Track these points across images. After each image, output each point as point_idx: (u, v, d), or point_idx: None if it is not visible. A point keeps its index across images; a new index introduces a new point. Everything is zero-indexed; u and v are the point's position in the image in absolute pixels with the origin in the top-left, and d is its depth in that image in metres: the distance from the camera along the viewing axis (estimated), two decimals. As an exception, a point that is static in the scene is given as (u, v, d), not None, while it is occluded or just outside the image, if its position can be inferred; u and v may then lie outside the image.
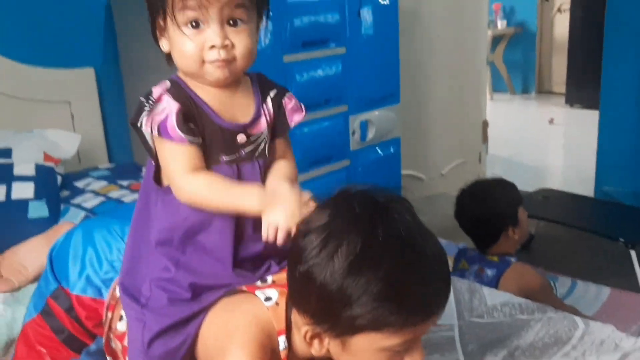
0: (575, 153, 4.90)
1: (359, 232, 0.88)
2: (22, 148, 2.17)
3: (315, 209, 0.94)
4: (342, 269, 0.86)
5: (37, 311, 1.33)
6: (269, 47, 2.58)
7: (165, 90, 0.97)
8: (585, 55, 5.92)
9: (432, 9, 3.70)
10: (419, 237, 0.91)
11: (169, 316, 1.01)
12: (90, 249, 1.32)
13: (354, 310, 0.86)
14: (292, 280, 0.94)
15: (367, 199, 0.93)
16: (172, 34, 0.97)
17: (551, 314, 1.46)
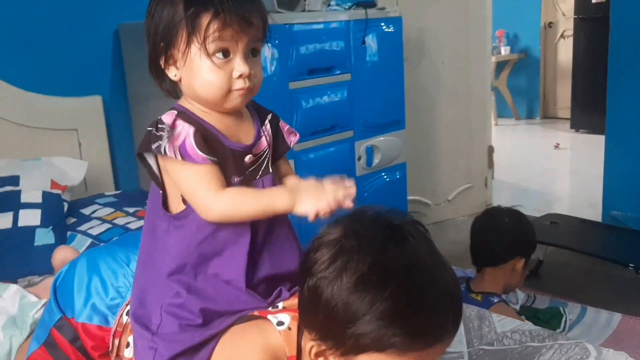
0: (581, 178, 4.88)
1: (369, 250, 0.87)
2: (29, 175, 2.18)
3: (328, 225, 0.94)
4: (349, 285, 0.85)
5: (40, 343, 1.32)
6: (275, 74, 2.60)
7: (176, 117, 0.98)
8: (589, 81, 5.93)
9: (436, 36, 3.73)
10: (431, 262, 0.90)
11: (180, 342, 1.00)
12: (96, 277, 1.32)
13: (358, 327, 0.85)
14: (301, 294, 0.93)
15: (382, 219, 0.92)
16: (196, 63, 0.99)
17: (562, 341, 1.43)
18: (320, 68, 2.78)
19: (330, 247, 0.89)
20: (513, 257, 2.25)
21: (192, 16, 0.96)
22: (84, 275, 1.32)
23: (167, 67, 1.02)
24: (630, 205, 3.41)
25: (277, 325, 0.98)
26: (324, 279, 0.87)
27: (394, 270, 0.86)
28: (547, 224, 3.09)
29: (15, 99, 2.43)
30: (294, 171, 2.41)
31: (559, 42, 6.98)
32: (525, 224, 2.32)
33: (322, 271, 0.88)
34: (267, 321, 0.99)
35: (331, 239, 0.90)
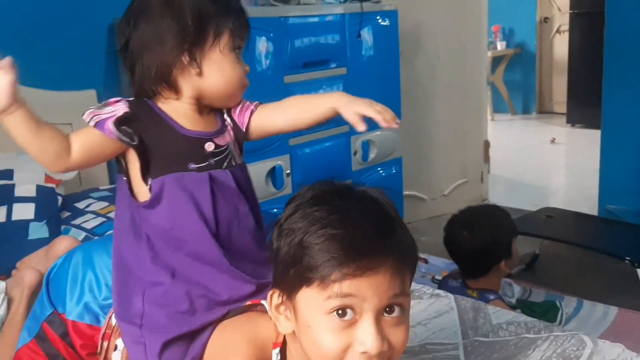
0: (577, 172, 4.88)
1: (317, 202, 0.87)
2: (23, 169, 2.17)
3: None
4: (287, 229, 0.86)
5: (32, 336, 1.31)
6: (270, 67, 2.60)
7: (123, 100, 1.03)
8: (585, 75, 5.93)
9: (432, 30, 3.72)
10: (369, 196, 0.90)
11: (168, 332, 1.00)
12: (90, 272, 1.31)
13: (290, 264, 0.83)
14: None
15: (339, 185, 0.94)
16: (221, 58, 1.06)
17: (558, 332, 1.43)
18: (315, 61, 2.77)
19: (289, 207, 0.90)
20: (492, 265, 2.20)
21: (225, 16, 1.04)
22: (78, 270, 1.31)
23: (188, 64, 1.04)
24: (626, 199, 3.41)
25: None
26: (281, 232, 0.87)
27: (321, 202, 0.87)
28: (542, 218, 3.09)
29: (9, 93, 2.41)
30: (289, 163, 2.39)
31: (554, 37, 6.99)
32: (486, 229, 2.19)
33: (280, 226, 0.88)
34: (259, 312, 0.99)
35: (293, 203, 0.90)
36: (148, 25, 1.03)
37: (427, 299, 1.65)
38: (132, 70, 1.06)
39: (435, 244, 3.46)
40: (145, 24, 1.03)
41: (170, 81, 1.04)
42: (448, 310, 1.59)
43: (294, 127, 1.15)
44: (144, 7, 1.04)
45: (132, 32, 1.04)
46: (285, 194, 2.72)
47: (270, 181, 2.66)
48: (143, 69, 1.04)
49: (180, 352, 1.00)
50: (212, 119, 1.09)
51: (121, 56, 1.08)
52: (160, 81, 1.04)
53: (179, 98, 1.05)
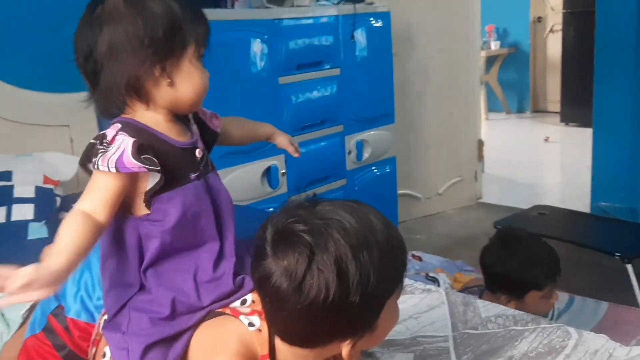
0: (571, 171, 4.93)
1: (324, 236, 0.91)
2: (22, 171, 2.20)
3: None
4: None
5: (41, 328, 1.35)
6: (265, 69, 2.63)
7: (117, 131, 0.98)
8: (578, 74, 5.98)
9: (425, 31, 3.76)
10: (350, 204, 0.97)
11: (150, 335, 1.01)
12: (87, 272, 1.34)
13: (377, 297, 0.94)
14: (303, 325, 0.93)
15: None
16: (190, 67, 1.03)
17: (545, 324, 1.47)
18: (309, 63, 2.81)
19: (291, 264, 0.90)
20: (524, 292, 2.01)
21: (193, 24, 1.02)
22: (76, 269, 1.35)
23: (160, 75, 1.00)
24: (618, 196, 3.46)
25: (249, 326, 1.00)
26: (315, 291, 0.89)
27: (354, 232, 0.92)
28: (535, 215, 3.13)
29: (6, 95, 2.44)
30: (284, 163, 2.42)
31: (548, 36, 7.04)
32: (526, 258, 2.03)
33: (318, 295, 0.89)
34: (239, 320, 1.02)
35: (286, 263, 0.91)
36: (116, 32, 0.97)
37: (419, 293, 1.69)
38: (94, 80, 1.00)
39: (430, 243, 3.51)
40: (113, 31, 0.97)
41: (141, 92, 1.00)
42: (439, 304, 1.62)
43: (239, 144, 1.36)
44: (111, 12, 0.97)
45: (97, 37, 0.98)
46: (280, 194, 2.76)
47: (265, 181, 2.70)
48: (111, 79, 0.98)
49: (162, 354, 1.02)
50: (182, 127, 1.08)
51: (79, 65, 1.03)
52: (131, 92, 0.99)
53: (149, 108, 1.02)
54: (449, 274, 2.61)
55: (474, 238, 3.53)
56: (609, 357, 1.32)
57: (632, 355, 1.31)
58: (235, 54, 2.52)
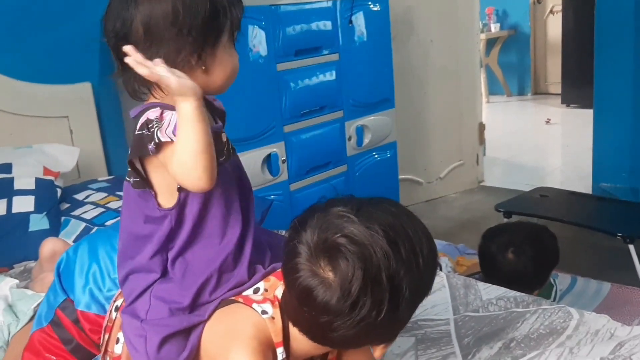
0: (572, 152, 4.92)
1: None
2: (22, 163, 2.20)
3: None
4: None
5: (48, 322, 1.34)
6: (263, 56, 2.62)
7: (162, 109, 0.95)
8: (579, 56, 5.94)
9: (423, 14, 3.74)
10: (394, 212, 0.96)
11: (168, 326, 1.02)
12: (95, 264, 1.34)
13: (420, 301, 0.97)
14: (350, 340, 0.94)
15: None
16: (224, 52, 1.01)
17: (546, 306, 1.47)
18: (307, 49, 2.79)
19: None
20: (523, 291, 1.90)
21: (231, 8, 0.99)
22: (85, 260, 1.35)
23: (196, 63, 0.97)
24: (619, 176, 3.45)
25: (262, 314, 1.00)
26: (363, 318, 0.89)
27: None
28: (536, 197, 3.12)
29: (5, 87, 2.44)
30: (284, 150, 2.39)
31: (548, 18, 6.98)
32: (532, 254, 2.02)
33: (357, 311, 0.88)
34: (252, 309, 1.01)
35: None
36: (154, 15, 0.93)
37: (420, 277, 1.69)
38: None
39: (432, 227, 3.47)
40: (150, 12, 0.93)
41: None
42: (440, 287, 1.63)
43: None
44: None
45: (133, 18, 0.94)
46: (281, 181, 2.76)
47: (266, 168, 2.70)
48: None
49: (179, 345, 1.02)
50: (206, 111, 1.06)
51: (109, 43, 0.99)
52: None
53: None
54: (451, 257, 2.62)
55: (476, 221, 3.53)
56: (611, 337, 1.32)
57: (633, 335, 1.31)
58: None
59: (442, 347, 1.36)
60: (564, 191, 3.34)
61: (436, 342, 1.38)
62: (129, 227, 1.08)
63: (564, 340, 1.32)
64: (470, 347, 1.34)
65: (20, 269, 1.93)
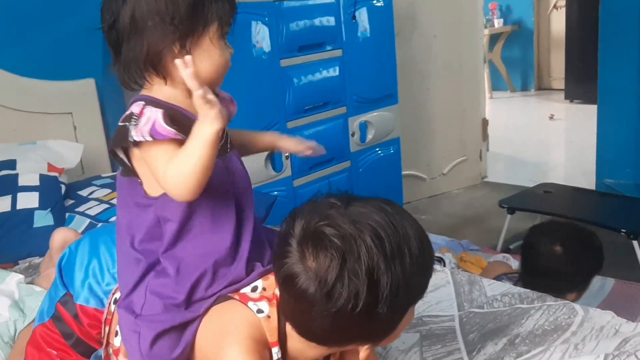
0: (576, 148, 4.91)
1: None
2: (26, 159, 2.20)
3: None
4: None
5: (49, 316, 1.35)
6: (266, 52, 2.61)
7: (144, 105, 0.98)
8: (583, 51, 5.93)
9: (427, 10, 3.73)
10: (386, 209, 0.94)
11: (162, 322, 1.02)
12: (95, 259, 1.34)
13: (407, 300, 0.94)
14: (328, 329, 0.93)
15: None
16: (211, 45, 1.01)
17: (550, 302, 1.47)
18: (311, 44, 2.79)
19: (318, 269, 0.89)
20: (561, 290, 1.87)
21: (217, 3, 1.00)
22: (85, 255, 1.35)
23: (179, 52, 0.99)
24: (623, 172, 3.44)
25: (257, 312, 1.00)
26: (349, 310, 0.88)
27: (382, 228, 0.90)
28: (540, 193, 3.12)
29: (9, 84, 2.44)
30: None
31: (551, 13, 6.97)
32: (582, 256, 1.97)
33: (336, 299, 0.88)
34: (247, 307, 1.01)
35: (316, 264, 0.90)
36: (139, 5, 0.97)
37: (424, 274, 1.69)
38: (117, 50, 1.00)
39: (436, 222, 3.51)
40: (136, 3, 0.97)
41: (160, 68, 1.00)
42: (444, 284, 1.63)
43: (247, 154, 1.26)
44: None
45: (120, 9, 0.98)
46: (284, 177, 2.76)
47: (269, 164, 2.70)
48: (132, 52, 0.98)
49: (172, 342, 1.02)
50: None
51: (105, 34, 1.02)
52: (149, 67, 1.00)
53: (167, 84, 1.02)
54: (454, 253, 2.61)
55: (479, 217, 3.53)
56: (615, 333, 1.32)
57: (638, 331, 1.31)
58: (236, 37, 2.48)
59: (447, 343, 1.36)
60: (567, 187, 3.33)
61: (441, 338, 1.38)
62: (122, 216, 1.08)
63: (569, 336, 1.32)
64: (475, 343, 1.34)
65: (25, 265, 1.93)
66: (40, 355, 1.34)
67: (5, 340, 1.52)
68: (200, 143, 0.92)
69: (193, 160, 0.92)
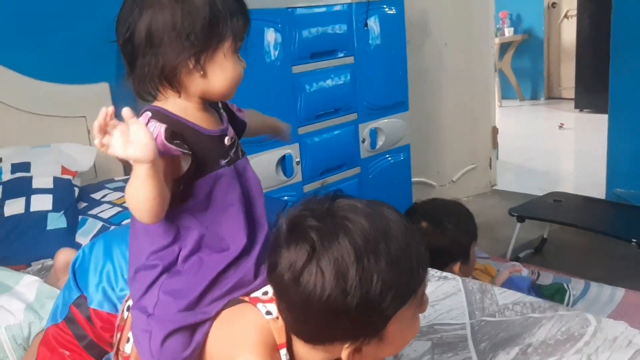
0: (586, 157, 4.90)
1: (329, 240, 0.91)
2: (40, 162, 2.22)
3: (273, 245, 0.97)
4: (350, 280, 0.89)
5: (62, 318, 1.36)
6: (278, 58, 2.63)
7: (149, 119, 0.99)
8: (593, 60, 5.92)
9: (438, 18, 3.74)
10: (373, 207, 0.96)
11: (173, 322, 1.03)
12: (109, 263, 1.35)
13: (381, 305, 0.91)
14: (304, 319, 0.95)
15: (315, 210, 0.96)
16: (225, 59, 1.03)
17: (563, 311, 1.47)
18: (323, 51, 2.80)
19: (301, 266, 0.91)
20: (446, 264, 2.06)
21: (232, 19, 1.01)
22: (99, 258, 1.36)
23: (194, 67, 1.00)
24: (634, 182, 3.43)
25: (266, 314, 1.01)
26: (322, 294, 0.89)
27: (362, 240, 0.91)
28: (550, 202, 3.12)
29: (24, 87, 2.47)
30: (298, 152, 2.44)
31: (562, 22, 6.96)
32: (450, 225, 2.10)
33: (319, 293, 0.89)
34: (256, 309, 1.02)
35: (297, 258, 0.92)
36: (155, 20, 0.98)
37: (435, 281, 1.69)
38: (132, 63, 1.02)
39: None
40: (152, 18, 0.98)
41: (174, 82, 1.01)
42: (456, 292, 1.63)
43: (253, 135, 1.34)
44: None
45: (136, 23, 0.99)
46: (295, 182, 2.77)
47: (280, 170, 2.71)
48: (147, 66, 1.00)
49: (183, 342, 1.03)
50: (213, 114, 1.10)
51: (120, 47, 1.04)
52: (164, 81, 1.01)
53: (181, 97, 1.03)
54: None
55: (489, 225, 3.52)
56: (629, 344, 1.32)
57: (651, 342, 1.31)
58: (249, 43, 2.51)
59: (459, 352, 1.36)
60: (578, 196, 3.33)
61: (452, 347, 1.38)
62: (137, 222, 1.08)
63: (582, 346, 1.32)
64: (487, 352, 1.34)
65: (38, 267, 1.95)
66: (53, 355, 1.35)
67: (18, 342, 1.53)
68: (138, 180, 0.92)
69: (138, 193, 0.93)
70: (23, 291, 1.62)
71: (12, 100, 2.43)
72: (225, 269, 1.05)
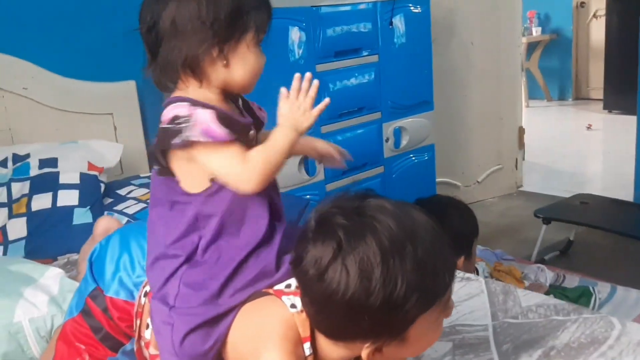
0: (614, 159, 4.81)
1: (358, 238, 0.91)
2: (67, 158, 2.26)
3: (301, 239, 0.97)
4: (375, 280, 0.89)
5: (78, 311, 1.37)
6: (303, 56, 2.63)
7: (190, 106, 1.00)
8: (622, 61, 5.81)
9: (465, 17, 3.71)
10: (401, 209, 0.96)
11: (196, 315, 1.03)
12: (126, 254, 1.37)
13: (404, 307, 0.90)
14: (326, 315, 0.95)
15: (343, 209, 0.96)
16: (247, 51, 1.04)
17: (587, 314, 1.45)
18: (347, 50, 2.80)
19: (327, 263, 0.91)
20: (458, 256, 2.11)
21: (256, 11, 1.03)
22: (115, 250, 1.38)
23: (217, 56, 1.02)
24: (663, 185, 3.37)
25: (291, 307, 1.01)
26: (348, 291, 0.89)
27: (389, 240, 0.91)
28: (576, 204, 3.08)
29: (53, 84, 2.51)
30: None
31: (591, 22, 6.85)
32: (454, 221, 2.12)
33: (343, 288, 0.90)
34: (281, 301, 1.02)
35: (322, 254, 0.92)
36: (181, 10, 0.99)
37: (458, 282, 1.68)
38: (154, 52, 1.02)
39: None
40: (177, 7, 0.99)
41: (197, 71, 1.02)
42: (478, 293, 1.62)
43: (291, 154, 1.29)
44: None
45: (161, 12, 1.00)
46: (317, 181, 2.77)
47: (303, 168, 2.71)
48: (170, 55, 1.00)
49: (204, 335, 1.03)
50: (233, 108, 1.10)
51: (143, 36, 1.04)
52: (187, 69, 1.02)
53: (202, 86, 1.04)
54: (488, 262, 2.59)
55: (514, 227, 3.49)
56: (654, 348, 1.29)
57: (677, 348, 1.29)
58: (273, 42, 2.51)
59: (480, 353, 1.35)
60: (605, 198, 3.28)
61: (474, 348, 1.37)
62: (157, 215, 1.10)
63: (606, 350, 1.30)
64: (509, 354, 1.33)
65: (64, 261, 1.98)
66: (69, 350, 1.36)
67: (41, 335, 1.56)
68: (288, 144, 1.02)
69: (278, 159, 1.02)
70: (47, 284, 1.64)
71: (41, 97, 2.48)
72: (245, 258, 1.05)
